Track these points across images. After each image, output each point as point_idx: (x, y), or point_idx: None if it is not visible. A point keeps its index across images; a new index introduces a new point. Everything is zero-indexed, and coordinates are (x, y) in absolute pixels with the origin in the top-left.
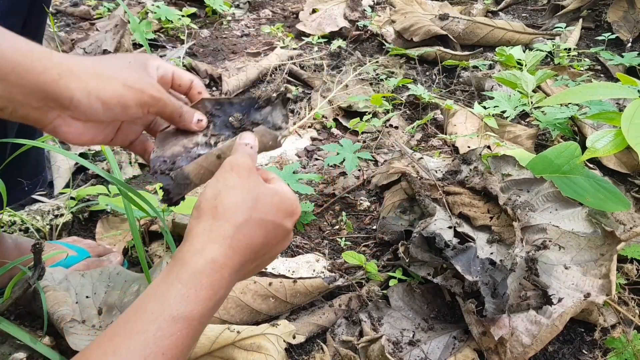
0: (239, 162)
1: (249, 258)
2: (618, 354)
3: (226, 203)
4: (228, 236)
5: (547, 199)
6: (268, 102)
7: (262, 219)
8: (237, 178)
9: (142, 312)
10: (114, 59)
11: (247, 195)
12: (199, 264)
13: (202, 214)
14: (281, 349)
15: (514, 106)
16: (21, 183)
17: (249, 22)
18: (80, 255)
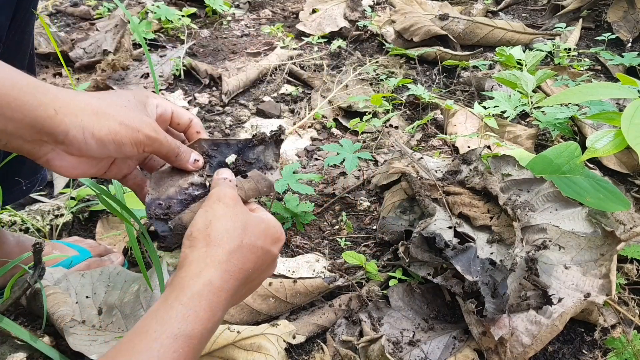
0: (225, 192)
1: (242, 282)
2: (618, 354)
3: (218, 230)
4: (223, 261)
5: (547, 199)
6: (262, 142)
7: (252, 244)
8: (225, 207)
9: (144, 332)
10: (112, 96)
11: (237, 223)
12: (197, 286)
13: (195, 242)
14: (281, 349)
15: (514, 106)
16: (19, 182)
17: (249, 22)
18: (82, 255)
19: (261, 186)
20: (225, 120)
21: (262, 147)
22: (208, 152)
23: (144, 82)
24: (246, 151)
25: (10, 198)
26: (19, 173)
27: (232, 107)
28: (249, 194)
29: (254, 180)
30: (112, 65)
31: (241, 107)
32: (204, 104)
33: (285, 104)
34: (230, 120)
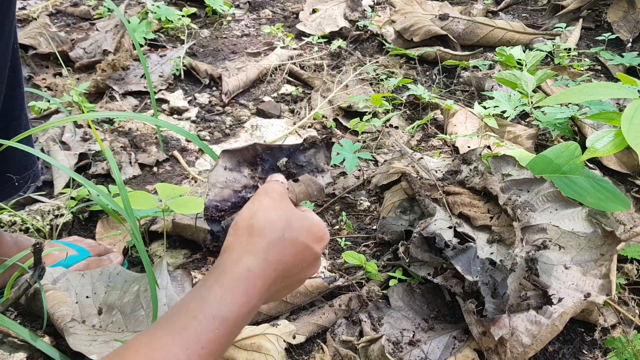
0: (272, 187)
1: (280, 275)
2: (618, 354)
3: (261, 221)
4: (262, 250)
5: (547, 199)
6: (312, 145)
7: (293, 238)
8: (271, 200)
9: (184, 310)
10: None
11: (281, 216)
12: (235, 271)
13: (238, 230)
14: (281, 349)
15: (514, 106)
16: (10, 178)
17: (249, 22)
18: (81, 254)
19: (312, 190)
20: (225, 120)
21: (313, 150)
22: (261, 156)
23: (144, 82)
24: (297, 154)
25: (3, 194)
26: (9, 169)
27: (232, 107)
28: (299, 197)
29: (304, 184)
30: (112, 65)
31: (241, 107)
32: (204, 104)
33: (285, 104)
34: (230, 120)
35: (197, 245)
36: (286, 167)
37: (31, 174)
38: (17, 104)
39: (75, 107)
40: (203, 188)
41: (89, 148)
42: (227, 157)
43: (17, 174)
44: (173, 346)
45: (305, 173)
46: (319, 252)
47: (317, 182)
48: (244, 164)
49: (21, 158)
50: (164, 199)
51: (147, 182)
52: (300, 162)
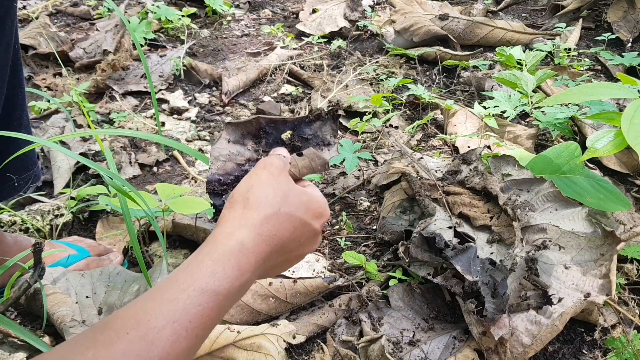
0: (272, 161)
1: (275, 249)
2: (618, 354)
3: (257, 195)
4: (256, 224)
5: (547, 199)
6: (318, 117)
7: (290, 213)
8: (269, 174)
9: (174, 282)
10: None
11: (277, 190)
12: (228, 245)
13: (234, 203)
14: (281, 349)
15: (514, 106)
16: (10, 178)
17: (249, 22)
18: (81, 254)
19: (315, 164)
20: (225, 120)
21: (319, 122)
22: (265, 129)
23: (144, 82)
24: (302, 127)
25: (2, 195)
26: (9, 169)
27: (232, 107)
28: (302, 172)
29: (308, 158)
30: (112, 65)
31: (241, 107)
32: (204, 104)
33: (285, 104)
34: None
35: (197, 245)
36: (291, 140)
37: (32, 174)
38: (18, 104)
39: (75, 107)
40: (203, 188)
41: (89, 148)
42: (230, 130)
43: (18, 174)
44: (160, 318)
45: (310, 146)
46: (318, 228)
47: (321, 156)
48: (247, 136)
49: (22, 158)
50: (163, 199)
51: (147, 182)
52: (306, 134)
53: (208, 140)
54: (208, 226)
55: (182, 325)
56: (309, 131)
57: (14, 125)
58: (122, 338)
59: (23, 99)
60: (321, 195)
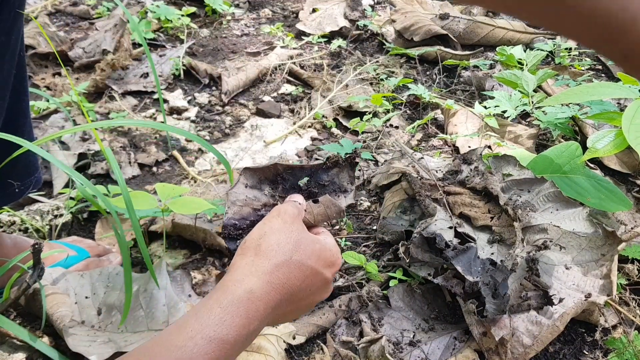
0: (285, 209)
1: (285, 298)
2: (619, 355)
3: (269, 243)
4: (267, 272)
5: (548, 199)
6: (336, 164)
7: (301, 261)
8: (282, 222)
9: (183, 328)
10: None
11: (289, 238)
12: (237, 292)
13: (245, 251)
14: (281, 349)
15: (514, 106)
16: (11, 185)
17: (248, 22)
18: (80, 255)
19: (331, 211)
20: (225, 120)
21: (336, 169)
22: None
23: (144, 81)
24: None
25: (3, 200)
26: (11, 175)
27: (231, 106)
28: (317, 219)
29: (324, 205)
30: (112, 65)
31: (241, 107)
32: (204, 103)
33: (285, 104)
34: (230, 120)
35: (196, 246)
36: (307, 186)
37: (33, 180)
38: (22, 111)
39: (75, 107)
40: (203, 188)
41: (88, 148)
42: (248, 175)
43: (19, 180)
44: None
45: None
46: (329, 277)
47: (337, 204)
48: (265, 181)
49: (24, 164)
50: (163, 199)
51: (147, 182)
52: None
53: (208, 140)
54: (208, 226)
55: None
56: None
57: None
58: None
59: (27, 107)
60: (334, 244)
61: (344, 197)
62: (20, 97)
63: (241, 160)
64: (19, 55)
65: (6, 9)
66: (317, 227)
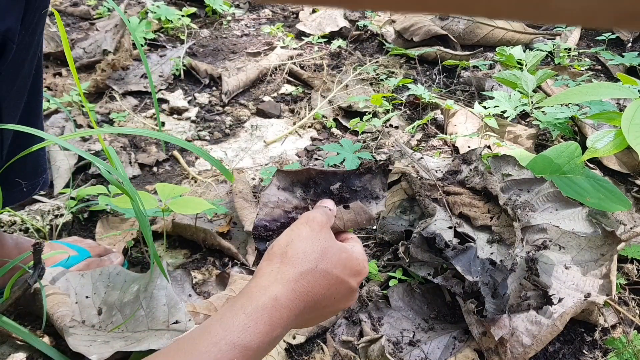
0: (314, 216)
1: (309, 306)
2: (618, 354)
3: (295, 250)
4: (292, 280)
5: (548, 199)
6: (369, 170)
7: (327, 270)
8: (310, 230)
9: (207, 333)
10: None
11: (316, 247)
12: (262, 299)
13: (272, 257)
14: (281, 349)
15: (514, 106)
16: (19, 183)
17: (249, 22)
18: (81, 255)
19: (361, 218)
20: (225, 120)
21: (369, 175)
22: (315, 179)
23: (144, 82)
24: (352, 179)
25: (9, 199)
26: (20, 174)
27: (232, 107)
28: (347, 225)
29: (354, 211)
30: (112, 65)
31: (241, 107)
32: (204, 103)
33: (285, 104)
34: (230, 120)
35: (197, 245)
36: (339, 191)
37: (40, 180)
38: (35, 111)
39: (75, 107)
40: (203, 188)
41: (89, 148)
42: (281, 177)
43: (27, 179)
44: None
45: (358, 198)
46: (355, 285)
47: (367, 211)
48: (297, 184)
49: (34, 165)
50: (163, 199)
51: (147, 182)
52: (355, 186)
53: (208, 140)
54: (208, 226)
55: None
56: (358, 183)
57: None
58: None
59: (40, 107)
60: (362, 252)
61: (375, 203)
62: (35, 97)
63: (241, 160)
64: (37, 56)
65: (31, 9)
66: (346, 233)
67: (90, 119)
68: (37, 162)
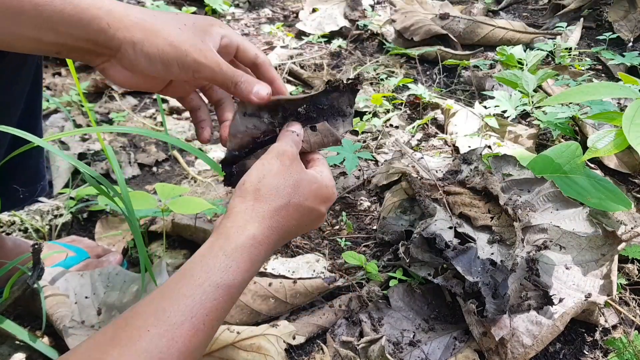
0: (284, 150)
1: (283, 237)
2: (619, 354)
3: (268, 186)
4: (267, 217)
5: (548, 199)
6: (336, 89)
7: (299, 203)
8: (281, 165)
9: (189, 277)
10: (168, 16)
11: (288, 181)
12: (240, 239)
13: (245, 194)
14: (281, 349)
15: (514, 106)
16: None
17: (248, 22)
18: (79, 255)
19: (327, 140)
20: None
21: (337, 93)
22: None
23: None
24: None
25: (6, 205)
26: (18, 180)
27: None
28: (314, 147)
29: (321, 133)
30: None
31: None
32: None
33: None
34: None
35: (196, 245)
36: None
37: (38, 187)
38: (34, 112)
39: (75, 107)
40: (203, 188)
41: (88, 148)
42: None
43: (26, 186)
44: (178, 315)
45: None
46: (324, 211)
47: (334, 133)
48: (264, 109)
49: (33, 172)
50: (163, 199)
51: (147, 182)
52: (322, 105)
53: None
54: (207, 226)
55: (200, 319)
56: (325, 101)
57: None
58: (143, 336)
59: (40, 107)
60: (330, 178)
61: (342, 121)
62: (35, 97)
63: None
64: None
65: None
66: (313, 153)
67: (89, 118)
68: (37, 169)
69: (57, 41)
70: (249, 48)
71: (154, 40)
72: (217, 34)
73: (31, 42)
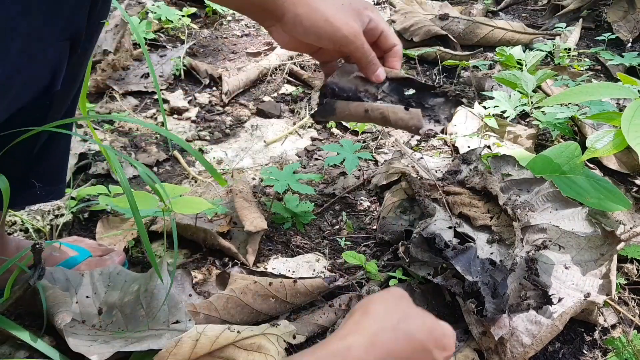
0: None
1: None
2: (618, 354)
3: (376, 307)
4: (372, 332)
5: (547, 198)
6: (444, 94)
7: (409, 332)
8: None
9: None
10: None
11: (398, 307)
12: (335, 346)
13: (353, 312)
14: (281, 349)
15: (514, 106)
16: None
17: (249, 22)
18: (82, 255)
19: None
20: (225, 120)
21: (443, 99)
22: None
23: (145, 82)
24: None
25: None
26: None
27: (232, 107)
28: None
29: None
30: (113, 65)
31: (241, 107)
32: (204, 103)
33: (285, 104)
34: (231, 120)
35: (197, 245)
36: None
37: (57, 189)
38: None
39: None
40: (203, 188)
41: (89, 148)
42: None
43: (43, 183)
44: None
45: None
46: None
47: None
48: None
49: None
50: (164, 198)
51: None
52: (427, 103)
53: (208, 140)
54: (208, 226)
55: None
56: (430, 102)
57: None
58: None
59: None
60: (448, 328)
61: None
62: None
63: (242, 160)
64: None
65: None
66: None
67: (93, 130)
68: (60, 170)
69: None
70: (390, 36)
71: (313, 15)
72: (366, 17)
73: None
